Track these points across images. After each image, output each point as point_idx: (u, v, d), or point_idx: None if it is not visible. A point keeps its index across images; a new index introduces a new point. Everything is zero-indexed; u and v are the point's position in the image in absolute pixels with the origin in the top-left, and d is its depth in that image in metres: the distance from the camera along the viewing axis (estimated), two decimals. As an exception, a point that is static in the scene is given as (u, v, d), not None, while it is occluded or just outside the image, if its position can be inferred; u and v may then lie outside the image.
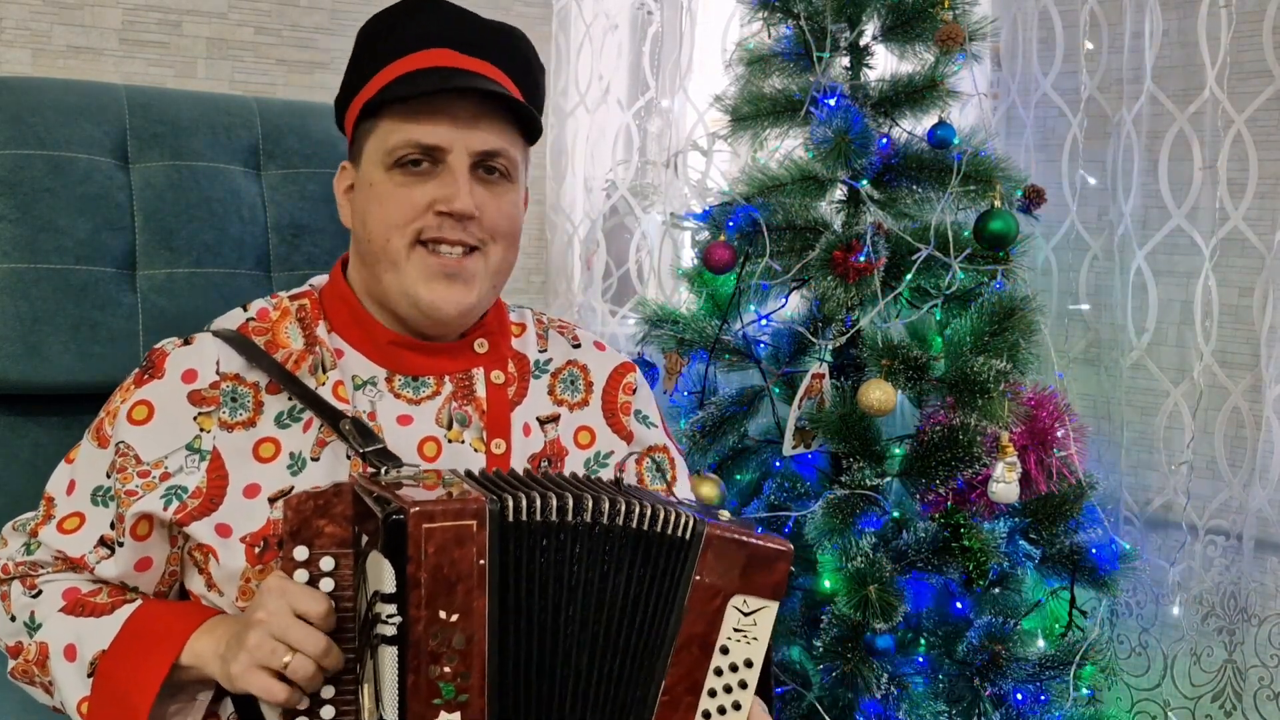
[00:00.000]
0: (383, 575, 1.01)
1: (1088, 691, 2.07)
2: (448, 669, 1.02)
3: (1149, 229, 2.28)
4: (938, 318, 2.01)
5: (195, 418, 1.23)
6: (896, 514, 1.95)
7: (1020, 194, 2.02)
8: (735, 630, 1.11)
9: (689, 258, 2.36)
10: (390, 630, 1.00)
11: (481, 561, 1.03)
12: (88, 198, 1.64)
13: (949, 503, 1.97)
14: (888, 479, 1.96)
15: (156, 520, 1.21)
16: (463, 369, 1.32)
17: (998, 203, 1.88)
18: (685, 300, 2.33)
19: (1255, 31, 2.13)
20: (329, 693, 1.08)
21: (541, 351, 1.40)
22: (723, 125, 2.20)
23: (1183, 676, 2.31)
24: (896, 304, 1.99)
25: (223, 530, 1.20)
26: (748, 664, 1.12)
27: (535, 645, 1.07)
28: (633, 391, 1.43)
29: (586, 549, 1.08)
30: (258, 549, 1.19)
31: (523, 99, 1.28)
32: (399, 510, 1.00)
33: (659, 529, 1.09)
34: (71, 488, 1.27)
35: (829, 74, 2.04)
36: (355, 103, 1.30)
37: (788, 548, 1.12)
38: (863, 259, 1.88)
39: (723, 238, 2.00)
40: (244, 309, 1.32)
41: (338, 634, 1.08)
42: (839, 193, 2.11)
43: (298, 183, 1.81)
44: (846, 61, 2.10)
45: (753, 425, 2.13)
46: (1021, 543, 2.02)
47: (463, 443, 1.29)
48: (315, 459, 1.23)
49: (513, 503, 1.05)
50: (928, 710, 1.87)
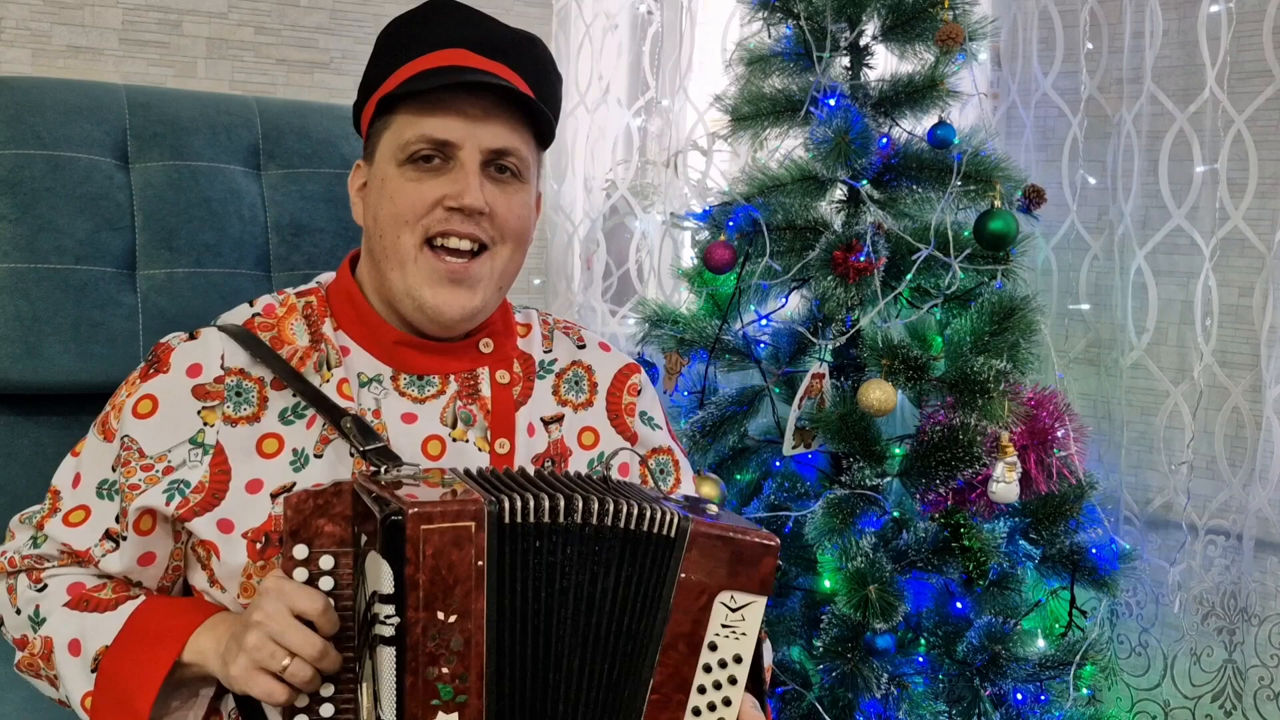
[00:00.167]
0: (381, 576, 1.01)
1: (1088, 691, 2.07)
2: (445, 670, 1.02)
3: (1149, 229, 2.28)
4: (937, 317, 2.01)
5: (199, 412, 1.23)
6: (896, 514, 1.95)
7: (1020, 194, 2.02)
8: (723, 626, 1.10)
9: (689, 258, 2.36)
10: (389, 631, 1.00)
11: (480, 563, 1.02)
12: (88, 198, 1.64)
13: (949, 503, 1.97)
14: (888, 479, 1.96)
15: (159, 515, 1.22)
16: (468, 368, 1.32)
17: (998, 203, 1.88)
18: (685, 300, 2.33)
19: (1255, 31, 2.13)
20: (329, 691, 1.08)
21: (546, 352, 1.40)
22: (723, 125, 2.20)
23: (1183, 676, 2.31)
24: (896, 304, 1.99)
25: (224, 526, 1.20)
26: (737, 660, 1.11)
27: (530, 647, 1.07)
28: (637, 393, 1.43)
29: (577, 550, 1.08)
30: (259, 545, 1.20)
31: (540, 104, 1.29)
32: (397, 511, 1.00)
33: (645, 528, 1.09)
34: (77, 481, 1.28)
35: (829, 74, 2.04)
36: (371, 99, 1.31)
37: (774, 542, 1.11)
38: (863, 259, 1.88)
39: (723, 238, 2.00)
40: (250, 305, 1.33)
41: (337, 633, 1.08)
42: (839, 193, 2.11)
43: (298, 183, 1.81)
44: (846, 61, 2.10)
45: (753, 425, 2.13)
46: (1021, 543, 2.02)
47: (467, 442, 1.29)
48: (318, 456, 1.23)
49: (509, 504, 1.05)
50: (928, 710, 1.87)
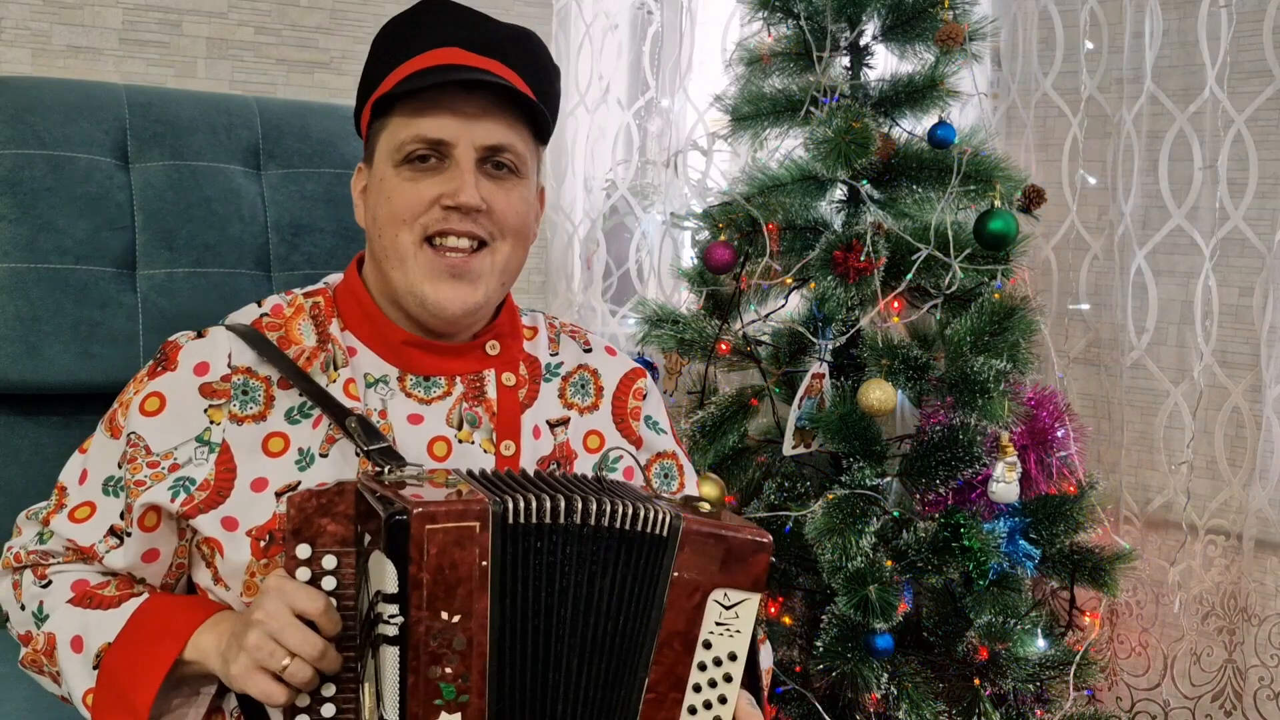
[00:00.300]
0: (385, 575, 1.01)
1: (1088, 691, 2.07)
2: (448, 670, 1.02)
3: (1149, 229, 2.28)
4: (937, 319, 2.01)
5: (206, 410, 1.24)
6: (896, 514, 1.95)
7: (1020, 194, 2.02)
8: (717, 624, 1.10)
9: (689, 258, 2.36)
10: (392, 630, 1.00)
11: (484, 563, 1.03)
12: (88, 197, 1.64)
13: (949, 503, 1.97)
14: (888, 479, 1.96)
15: (164, 512, 1.22)
16: (474, 370, 1.33)
17: (998, 203, 1.88)
18: (685, 300, 2.33)
19: (1255, 31, 2.13)
20: (330, 690, 1.08)
21: (553, 355, 1.41)
22: (723, 125, 2.20)
23: (1183, 676, 2.31)
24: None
25: (229, 524, 1.20)
26: (731, 657, 1.11)
27: (530, 647, 1.07)
28: (643, 397, 1.43)
29: (576, 551, 1.08)
30: (263, 543, 1.20)
31: (534, 97, 1.28)
32: (402, 511, 1.00)
33: (639, 528, 1.09)
34: (84, 477, 1.28)
35: (829, 74, 2.04)
36: (368, 102, 1.32)
37: (767, 539, 1.11)
38: (863, 259, 1.88)
39: (723, 238, 2.00)
40: (258, 304, 1.33)
41: (338, 633, 1.07)
42: (839, 193, 2.11)
43: (298, 182, 1.81)
44: (846, 61, 2.10)
45: (753, 425, 2.12)
46: (1021, 543, 2.02)
47: (472, 443, 1.29)
48: (324, 455, 1.24)
49: (512, 504, 1.05)
50: (928, 710, 1.87)
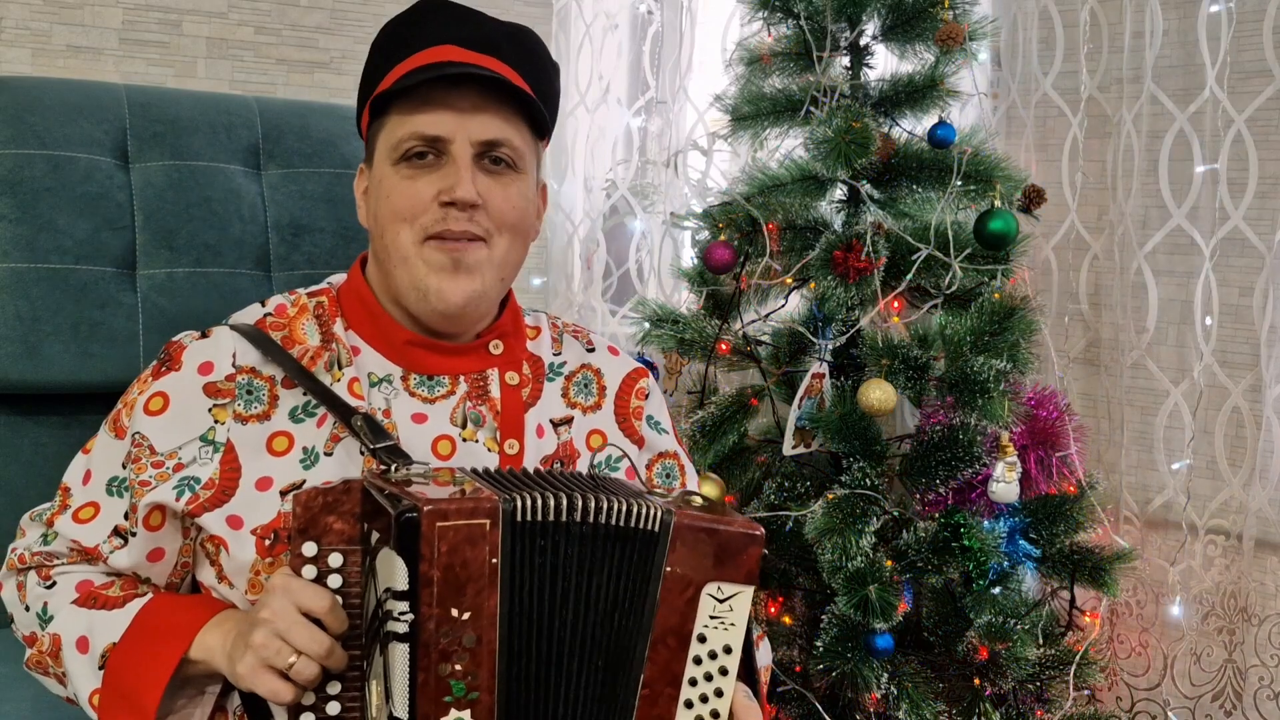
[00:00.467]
0: (394, 572, 1.01)
1: (1088, 691, 2.07)
2: (458, 667, 1.01)
3: (1149, 229, 2.28)
4: (937, 319, 2.01)
5: (210, 409, 1.24)
6: (896, 514, 1.95)
7: (1020, 194, 2.02)
8: (711, 618, 1.11)
9: (689, 258, 2.36)
10: (402, 627, 1.00)
11: (494, 560, 1.03)
12: (88, 197, 1.63)
13: (949, 503, 1.97)
14: (888, 479, 1.96)
15: (169, 511, 1.22)
16: (478, 369, 1.33)
17: (998, 203, 1.88)
18: (685, 300, 2.33)
19: (1255, 31, 2.14)
20: (335, 688, 1.08)
21: (556, 355, 1.41)
22: (723, 125, 2.20)
23: (1183, 676, 2.31)
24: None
25: (234, 522, 1.20)
26: (726, 650, 1.12)
27: (535, 643, 1.07)
28: (645, 397, 1.44)
29: (576, 549, 1.09)
30: (268, 542, 1.20)
31: (531, 93, 1.28)
32: (413, 508, 1.00)
33: (632, 524, 1.10)
34: (87, 478, 1.28)
35: (829, 74, 2.04)
36: (367, 103, 1.32)
37: (759, 531, 1.11)
38: (863, 259, 1.88)
39: (723, 238, 2.00)
40: (262, 304, 1.33)
41: (344, 631, 1.07)
42: (839, 193, 2.11)
43: (298, 182, 1.80)
44: (846, 61, 2.10)
45: (753, 425, 2.12)
46: (1021, 543, 2.02)
47: (476, 442, 1.29)
48: (328, 454, 1.24)
49: (521, 502, 1.05)
50: (928, 710, 1.87)
